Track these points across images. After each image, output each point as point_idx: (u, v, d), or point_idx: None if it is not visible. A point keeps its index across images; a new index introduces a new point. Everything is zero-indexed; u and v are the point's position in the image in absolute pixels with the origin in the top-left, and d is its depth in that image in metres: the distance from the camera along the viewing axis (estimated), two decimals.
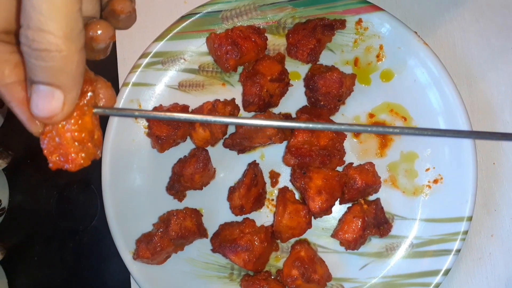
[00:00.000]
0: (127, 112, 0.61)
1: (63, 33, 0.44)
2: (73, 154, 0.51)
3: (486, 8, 0.92)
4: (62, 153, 0.51)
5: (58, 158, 0.52)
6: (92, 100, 0.52)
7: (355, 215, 0.83)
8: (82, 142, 0.52)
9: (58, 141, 0.51)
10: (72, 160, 0.52)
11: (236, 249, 0.83)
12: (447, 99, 0.84)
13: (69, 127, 0.51)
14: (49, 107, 0.48)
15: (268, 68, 0.86)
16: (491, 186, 0.88)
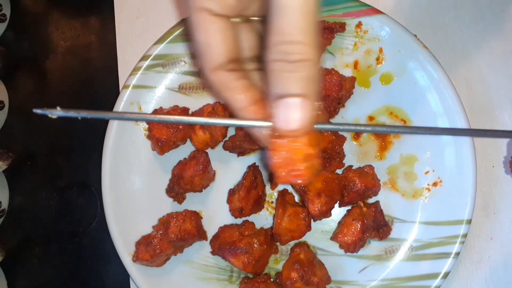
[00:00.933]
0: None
1: (313, 43, 0.49)
2: (301, 169, 0.53)
3: (486, 11, 0.92)
4: (291, 169, 0.54)
5: (286, 173, 0.54)
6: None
7: (354, 218, 0.83)
8: (310, 157, 0.53)
9: (288, 156, 0.53)
10: (300, 176, 0.54)
11: (236, 251, 0.83)
12: (446, 102, 0.84)
13: (301, 145, 0.53)
14: (299, 118, 0.51)
15: None
16: (491, 189, 0.88)
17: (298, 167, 0.53)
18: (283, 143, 0.53)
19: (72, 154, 1.02)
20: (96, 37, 1.05)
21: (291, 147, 0.53)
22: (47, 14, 1.08)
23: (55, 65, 1.05)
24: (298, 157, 0.53)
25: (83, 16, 1.07)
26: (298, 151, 0.53)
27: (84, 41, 1.05)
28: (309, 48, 0.49)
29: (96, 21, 1.06)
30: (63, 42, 1.06)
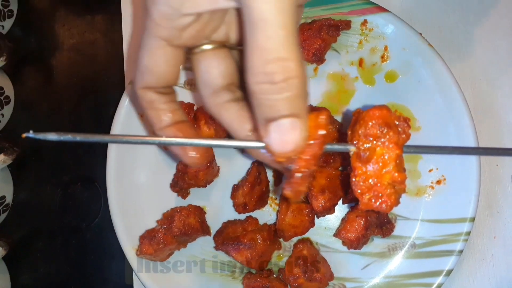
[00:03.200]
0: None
1: (296, 57, 0.45)
2: (386, 195, 0.52)
3: (491, 11, 0.92)
4: (375, 195, 0.52)
5: (370, 199, 0.52)
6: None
7: (358, 215, 0.83)
8: (395, 182, 0.52)
9: (373, 182, 0.52)
10: (385, 202, 0.52)
11: (239, 246, 0.83)
12: (451, 101, 0.84)
13: (389, 169, 0.51)
14: (293, 139, 0.48)
15: None
16: (494, 188, 0.88)
17: (384, 192, 0.52)
18: (372, 169, 0.51)
19: (77, 149, 1.02)
20: (102, 34, 1.05)
21: (375, 173, 0.51)
22: (54, 11, 1.09)
23: (61, 61, 1.06)
24: (383, 183, 0.52)
25: (89, 13, 1.08)
26: (383, 176, 0.52)
27: (90, 37, 1.06)
28: (294, 64, 0.45)
29: (102, 18, 1.07)
30: (69, 39, 1.06)
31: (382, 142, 0.52)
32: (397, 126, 0.52)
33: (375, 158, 0.52)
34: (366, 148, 0.52)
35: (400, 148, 0.52)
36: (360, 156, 0.52)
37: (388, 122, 0.52)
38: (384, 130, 0.51)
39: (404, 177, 0.52)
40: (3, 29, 1.07)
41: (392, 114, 0.52)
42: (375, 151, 0.52)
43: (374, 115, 0.52)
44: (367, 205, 0.53)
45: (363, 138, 0.52)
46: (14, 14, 1.09)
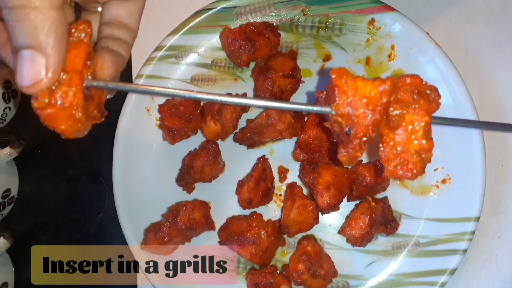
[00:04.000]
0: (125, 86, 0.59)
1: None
2: (411, 163, 0.51)
3: (498, 12, 0.92)
4: (401, 162, 0.52)
5: (396, 166, 0.52)
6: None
7: (362, 212, 0.83)
8: (424, 150, 0.51)
9: (400, 149, 0.52)
10: (410, 169, 0.52)
11: (243, 242, 0.83)
12: (457, 100, 0.84)
13: (417, 136, 0.51)
14: (32, 73, 0.46)
15: (281, 64, 0.87)
16: (499, 188, 0.89)
17: (411, 160, 0.52)
18: (400, 136, 0.51)
19: (83, 144, 1.01)
20: None
21: (401, 141, 0.52)
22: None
23: None
24: (407, 151, 0.52)
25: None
26: (409, 144, 0.51)
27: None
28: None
29: None
30: None
31: (413, 109, 0.52)
32: (428, 95, 0.53)
33: (404, 125, 0.52)
34: (396, 115, 0.52)
35: (430, 116, 0.52)
36: (389, 123, 0.52)
37: (420, 90, 0.52)
38: (415, 97, 0.51)
39: (432, 145, 0.52)
40: None
41: (424, 83, 0.53)
42: (405, 118, 0.52)
43: (406, 82, 0.52)
44: (392, 172, 0.52)
45: (394, 104, 0.52)
46: None
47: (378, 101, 0.51)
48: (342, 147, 0.53)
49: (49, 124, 0.51)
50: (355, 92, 0.51)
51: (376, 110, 0.51)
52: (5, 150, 0.97)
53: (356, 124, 0.51)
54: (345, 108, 0.51)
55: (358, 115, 0.51)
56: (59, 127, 0.51)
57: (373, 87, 0.51)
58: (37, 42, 0.46)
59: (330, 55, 0.91)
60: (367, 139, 0.51)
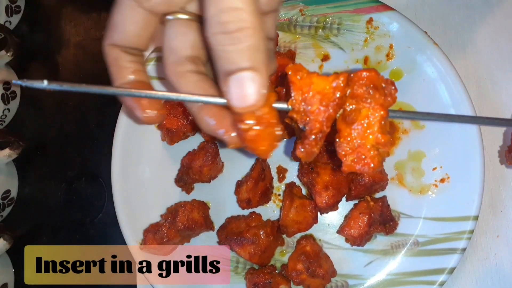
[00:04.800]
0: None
1: (251, 8, 0.46)
2: (369, 157, 0.52)
3: (497, 11, 0.92)
4: (358, 156, 0.52)
5: (353, 160, 0.52)
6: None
7: (361, 212, 0.83)
8: (381, 144, 0.51)
9: (357, 144, 0.52)
10: (367, 164, 0.52)
11: (242, 242, 0.83)
12: (455, 99, 0.84)
13: (373, 131, 0.51)
14: (253, 93, 0.48)
15: (280, 64, 0.87)
16: (498, 187, 0.89)
17: (368, 154, 0.52)
18: (356, 130, 0.51)
19: (82, 145, 1.03)
20: None
21: (359, 134, 0.51)
22: (60, 7, 1.09)
23: (67, 57, 1.06)
24: (365, 145, 0.52)
25: (95, 9, 1.08)
26: (367, 138, 0.51)
27: (96, 34, 1.06)
28: (247, 14, 0.46)
29: (108, 15, 1.07)
30: (75, 36, 1.07)
31: (368, 103, 0.51)
32: (384, 89, 0.52)
33: (360, 119, 0.51)
34: (352, 110, 0.52)
35: (386, 110, 0.52)
36: (345, 118, 0.52)
37: (375, 84, 0.52)
38: (370, 91, 0.51)
39: (388, 139, 0.52)
40: (10, 24, 1.08)
41: (379, 77, 0.52)
42: (361, 112, 0.52)
43: (361, 76, 0.52)
44: (350, 167, 0.53)
45: (350, 99, 0.52)
46: (22, 10, 1.10)
47: (332, 97, 0.51)
48: (300, 144, 0.53)
49: (251, 145, 0.52)
50: (309, 88, 0.51)
51: (329, 106, 0.51)
52: (5, 152, 0.97)
53: (311, 121, 0.51)
54: (300, 104, 0.51)
55: (313, 111, 0.51)
56: (260, 148, 0.53)
57: (326, 82, 0.51)
58: (255, 63, 0.48)
59: (328, 55, 0.91)
60: (322, 135, 0.52)
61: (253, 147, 0.53)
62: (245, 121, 0.50)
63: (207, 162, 0.85)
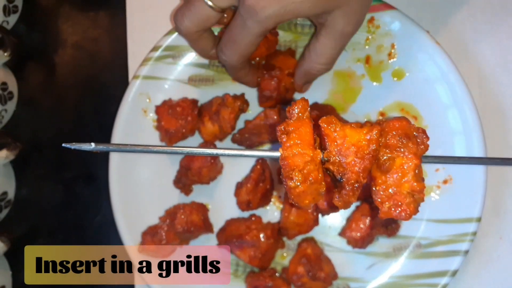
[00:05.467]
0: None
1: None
2: (405, 204, 0.53)
3: (499, 9, 0.91)
4: (395, 203, 0.53)
5: (390, 208, 0.54)
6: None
7: (363, 214, 0.83)
8: (414, 191, 0.53)
9: (392, 191, 0.54)
10: (404, 210, 0.53)
11: (242, 244, 0.82)
12: (458, 99, 0.83)
13: (408, 179, 0.53)
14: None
15: (284, 62, 0.86)
16: (501, 188, 0.88)
17: (404, 201, 0.53)
18: (392, 178, 0.54)
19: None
20: (105, 30, 1.05)
21: (395, 182, 0.53)
22: (58, 7, 1.08)
23: (65, 57, 1.05)
24: (401, 192, 0.53)
25: (93, 9, 1.07)
26: (402, 186, 0.53)
27: (94, 34, 1.05)
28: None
29: (106, 14, 1.06)
30: (72, 35, 1.06)
31: (402, 152, 0.54)
32: (416, 137, 0.54)
33: (395, 168, 0.54)
34: (386, 159, 0.54)
35: (419, 158, 0.54)
36: (380, 166, 0.54)
37: (408, 133, 0.54)
38: (403, 141, 0.53)
39: (423, 187, 0.53)
40: (8, 24, 1.07)
41: (411, 126, 0.55)
42: (395, 161, 0.54)
43: (394, 126, 0.54)
44: (387, 214, 0.54)
45: (384, 148, 0.54)
46: (19, 10, 1.08)
47: (367, 149, 0.52)
48: (337, 193, 0.55)
49: (296, 200, 0.55)
50: (343, 140, 0.53)
51: (365, 158, 0.52)
52: (2, 153, 0.96)
53: (347, 172, 0.53)
54: (336, 155, 0.53)
55: (349, 162, 0.53)
56: (304, 202, 0.55)
57: (361, 135, 0.53)
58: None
59: None
60: (358, 185, 0.53)
61: (297, 201, 0.55)
62: (293, 178, 0.53)
63: (206, 163, 0.84)
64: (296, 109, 0.55)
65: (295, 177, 0.53)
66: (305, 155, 0.53)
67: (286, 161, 0.53)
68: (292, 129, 0.54)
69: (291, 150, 0.53)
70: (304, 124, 0.54)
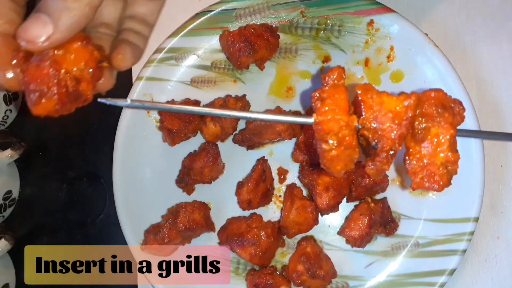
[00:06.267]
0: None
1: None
2: (438, 175, 0.53)
3: (497, 12, 0.92)
4: (428, 174, 0.54)
5: (423, 178, 0.54)
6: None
7: (362, 213, 0.84)
8: (449, 162, 0.53)
9: (426, 162, 0.53)
10: (436, 181, 0.54)
11: (243, 243, 0.83)
12: None
13: (443, 149, 0.53)
14: (35, 31, 0.51)
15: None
16: (499, 188, 0.89)
17: (437, 172, 0.53)
18: (426, 149, 0.53)
19: (83, 146, 1.03)
20: None
21: (427, 154, 0.53)
22: None
23: None
24: (434, 163, 0.53)
25: None
26: (436, 157, 0.53)
27: None
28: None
29: None
30: None
31: (438, 122, 0.53)
32: (452, 108, 0.54)
33: (430, 137, 0.53)
34: (422, 128, 0.53)
35: (455, 128, 0.53)
36: (415, 136, 0.53)
37: (444, 104, 0.53)
38: (439, 110, 0.53)
39: (458, 157, 0.53)
40: None
41: (447, 96, 0.54)
42: (430, 131, 0.53)
43: (431, 96, 0.54)
44: (419, 185, 0.54)
45: (419, 117, 0.53)
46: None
47: (404, 115, 0.52)
48: (370, 161, 0.55)
49: (328, 164, 0.54)
50: (380, 107, 0.53)
51: (402, 124, 0.52)
52: (6, 152, 0.97)
53: (382, 138, 0.53)
54: (371, 122, 0.53)
55: (385, 129, 0.53)
56: (336, 168, 0.54)
57: (398, 101, 0.52)
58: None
59: (329, 57, 0.91)
60: (393, 152, 0.53)
61: (329, 166, 0.54)
62: (328, 141, 0.52)
63: (208, 163, 0.85)
64: (332, 77, 0.55)
65: (330, 140, 0.52)
66: (340, 120, 0.52)
67: (320, 125, 0.53)
68: (327, 96, 0.53)
69: (325, 115, 0.52)
70: (339, 91, 0.53)
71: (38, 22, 0.52)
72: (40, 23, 0.52)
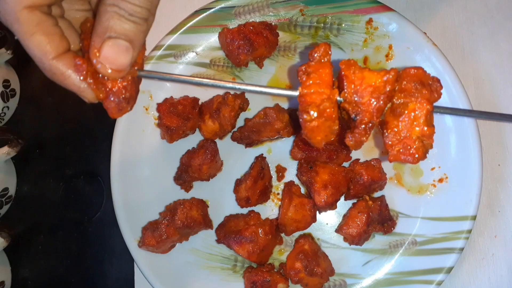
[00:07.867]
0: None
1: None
2: (414, 148, 0.56)
3: (495, 12, 0.93)
4: (404, 147, 0.56)
5: (399, 151, 0.56)
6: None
7: (360, 211, 0.84)
8: (426, 136, 0.55)
9: (403, 135, 0.56)
10: (412, 154, 0.56)
11: (241, 240, 0.83)
12: (454, 99, 0.84)
13: (419, 123, 0.55)
14: (122, 59, 0.53)
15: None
16: (496, 187, 0.89)
17: (413, 145, 0.55)
18: (405, 121, 0.56)
19: (81, 143, 1.03)
20: None
21: (405, 126, 0.56)
22: None
23: None
24: (411, 136, 0.56)
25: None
26: (413, 130, 0.55)
27: None
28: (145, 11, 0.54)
29: None
30: None
31: (416, 98, 0.56)
32: (430, 86, 0.56)
33: (408, 112, 0.56)
34: (400, 103, 0.56)
35: (431, 104, 0.56)
36: (393, 110, 0.56)
37: (422, 81, 0.56)
38: (418, 87, 0.56)
39: (433, 131, 0.55)
40: None
41: (426, 74, 0.57)
42: (408, 106, 0.56)
43: (410, 73, 0.56)
44: (395, 157, 0.56)
45: (398, 93, 0.56)
46: None
47: (383, 90, 0.55)
48: (349, 133, 0.57)
49: (309, 134, 0.57)
50: (361, 81, 0.55)
51: (380, 98, 0.55)
52: (3, 149, 0.97)
53: (362, 111, 0.55)
54: (352, 96, 0.55)
55: (364, 102, 0.55)
56: (316, 138, 0.57)
57: (378, 76, 0.55)
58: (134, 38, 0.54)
59: None
60: (372, 125, 0.56)
61: (310, 136, 0.57)
62: (309, 112, 0.55)
63: (206, 161, 0.85)
64: (318, 53, 0.57)
65: (311, 111, 0.54)
66: (323, 94, 0.54)
67: (304, 98, 0.55)
68: (312, 70, 0.55)
69: (309, 89, 0.55)
70: (324, 67, 0.56)
71: (120, 49, 0.53)
72: (123, 51, 0.53)
